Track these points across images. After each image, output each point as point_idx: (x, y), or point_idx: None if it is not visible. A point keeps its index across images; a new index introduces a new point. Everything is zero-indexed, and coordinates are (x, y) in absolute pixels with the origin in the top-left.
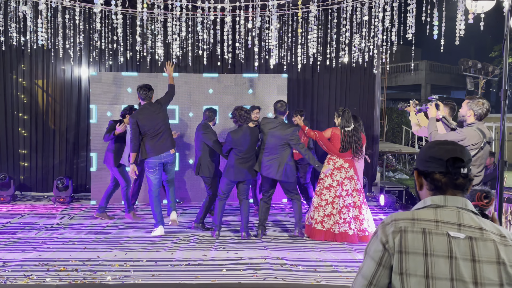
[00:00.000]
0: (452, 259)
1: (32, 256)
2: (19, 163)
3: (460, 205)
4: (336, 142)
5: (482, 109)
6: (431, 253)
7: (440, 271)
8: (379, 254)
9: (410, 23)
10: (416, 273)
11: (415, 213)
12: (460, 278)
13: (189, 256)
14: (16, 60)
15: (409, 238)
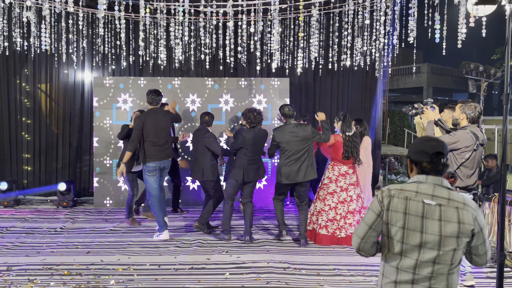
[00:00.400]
0: (423, 218)
1: (36, 260)
2: (22, 167)
3: (437, 182)
4: (338, 149)
5: (474, 112)
6: (409, 212)
7: (413, 225)
8: (378, 208)
9: (412, 27)
10: (396, 224)
11: (404, 185)
12: (427, 232)
13: (192, 260)
14: (19, 65)
15: (395, 201)
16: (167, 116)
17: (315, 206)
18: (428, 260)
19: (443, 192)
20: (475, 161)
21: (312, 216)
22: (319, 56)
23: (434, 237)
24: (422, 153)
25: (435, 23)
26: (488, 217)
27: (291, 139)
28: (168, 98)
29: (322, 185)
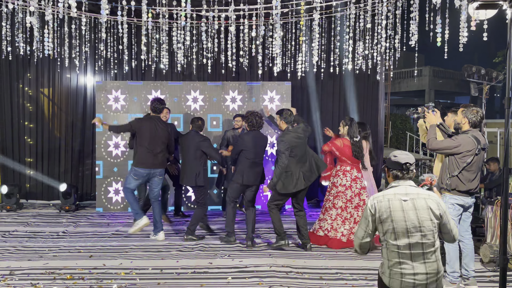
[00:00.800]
0: (403, 211)
1: (39, 264)
2: (25, 171)
3: (407, 184)
4: (346, 151)
5: (476, 117)
6: (392, 209)
7: (398, 218)
8: (368, 214)
9: (413, 30)
10: (387, 220)
11: (385, 192)
12: (409, 220)
13: (194, 264)
14: (22, 69)
15: (382, 205)
16: (167, 127)
17: (331, 213)
18: (417, 241)
19: (412, 190)
20: (477, 165)
21: (322, 223)
22: (320, 60)
23: (414, 223)
24: (396, 164)
25: (436, 27)
26: (491, 220)
27: (298, 143)
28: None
29: (337, 193)
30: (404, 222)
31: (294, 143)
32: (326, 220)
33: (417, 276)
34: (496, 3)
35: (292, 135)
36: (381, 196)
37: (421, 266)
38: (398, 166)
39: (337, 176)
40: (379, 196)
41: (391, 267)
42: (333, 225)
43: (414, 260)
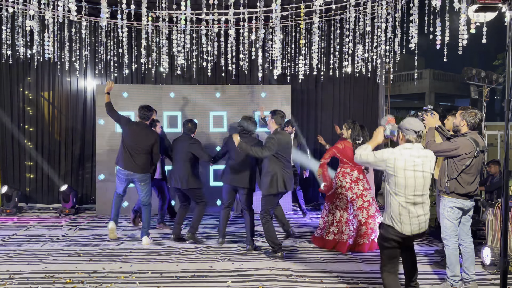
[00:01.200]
0: (414, 172)
1: (38, 268)
2: (25, 174)
3: (418, 147)
4: (347, 153)
5: (475, 119)
6: (406, 169)
7: (409, 176)
8: (383, 160)
9: (413, 33)
10: (400, 176)
11: (402, 151)
12: (418, 178)
13: (194, 268)
14: (22, 73)
15: (399, 163)
16: (153, 136)
17: (334, 216)
18: (421, 193)
19: (422, 153)
20: (476, 168)
21: (331, 227)
22: (320, 63)
23: (421, 181)
24: (411, 131)
25: (435, 30)
26: (492, 223)
27: (288, 147)
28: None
29: (337, 194)
30: (413, 180)
31: (283, 146)
32: (333, 224)
33: (419, 217)
34: (495, 5)
35: (283, 138)
36: (399, 155)
37: (420, 210)
38: (412, 133)
39: (337, 178)
40: (397, 153)
41: (402, 215)
42: (339, 227)
43: (415, 206)
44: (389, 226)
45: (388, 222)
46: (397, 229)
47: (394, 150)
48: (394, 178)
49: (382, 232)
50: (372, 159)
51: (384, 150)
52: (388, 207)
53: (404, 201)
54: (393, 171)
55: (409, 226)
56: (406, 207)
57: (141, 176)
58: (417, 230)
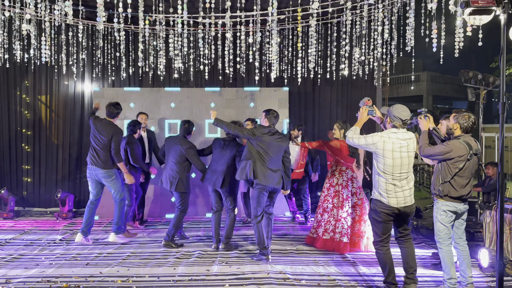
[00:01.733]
0: (400, 152)
1: (35, 272)
2: (22, 178)
3: (403, 131)
4: (343, 151)
5: (468, 122)
6: (393, 150)
7: (396, 157)
8: (373, 144)
9: (409, 36)
10: (388, 157)
11: (390, 135)
12: (403, 158)
13: (192, 271)
14: (20, 77)
15: (387, 145)
16: (110, 130)
17: (333, 214)
18: (406, 171)
19: (406, 136)
20: (469, 171)
21: (326, 225)
22: (317, 66)
23: (405, 160)
24: (398, 118)
25: (432, 33)
26: (489, 225)
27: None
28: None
29: (334, 192)
30: (399, 160)
31: (266, 142)
32: (329, 222)
33: (404, 191)
34: (489, 8)
35: (268, 134)
36: (387, 138)
37: (405, 185)
38: (399, 120)
39: (333, 176)
40: (386, 137)
41: (388, 191)
42: (337, 225)
43: (401, 181)
44: (377, 200)
45: (377, 197)
46: (384, 202)
47: (382, 134)
48: (383, 159)
49: (372, 206)
50: (363, 142)
51: (374, 135)
52: (376, 184)
53: (391, 178)
54: (382, 153)
55: (395, 199)
56: (393, 183)
57: (104, 172)
58: (403, 203)
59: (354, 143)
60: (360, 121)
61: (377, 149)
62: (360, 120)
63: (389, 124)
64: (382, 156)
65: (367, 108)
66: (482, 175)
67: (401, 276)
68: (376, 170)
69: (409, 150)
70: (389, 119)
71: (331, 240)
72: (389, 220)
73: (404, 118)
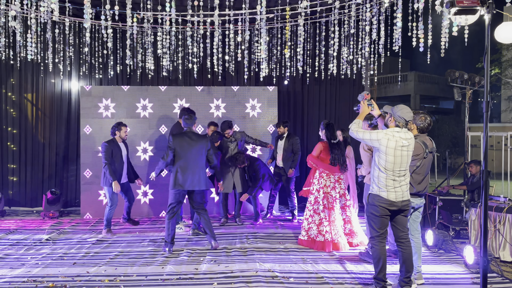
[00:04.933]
0: (401, 151)
1: (21, 272)
2: (8, 178)
3: (405, 131)
4: (325, 155)
5: (423, 123)
6: (395, 148)
7: (398, 155)
8: (377, 140)
9: (396, 35)
10: (390, 154)
11: (394, 133)
12: (403, 157)
13: (180, 270)
14: (5, 75)
15: (390, 143)
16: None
17: (322, 215)
18: (404, 169)
19: (408, 135)
20: (425, 168)
21: (319, 227)
22: (306, 65)
23: (404, 159)
24: (401, 118)
25: (418, 32)
26: (475, 223)
27: (190, 145)
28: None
29: (323, 194)
30: (400, 158)
31: (180, 145)
32: (321, 224)
33: (402, 187)
34: (474, 8)
35: (183, 136)
36: (391, 136)
37: (403, 181)
38: (403, 120)
39: (321, 178)
40: (390, 135)
41: (388, 186)
42: (329, 227)
43: (399, 177)
44: (376, 195)
45: (376, 192)
46: (383, 196)
47: (387, 131)
48: (385, 156)
49: (370, 201)
50: (367, 137)
51: (379, 131)
52: (375, 180)
53: (391, 174)
54: (385, 150)
55: (394, 194)
56: (393, 179)
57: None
58: (400, 198)
59: (357, 137)
60: (362, 114)
61: (380, 145)
62: (362, 113)
63: (392, 122)
64: (385, 153)
65: (366, 102)
66: (467, 174)
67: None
68: (376, 166)
69: (408, 149)
70: (392, 118)
71: (325, 241)
72: (386, 214)
73: (407, 119)
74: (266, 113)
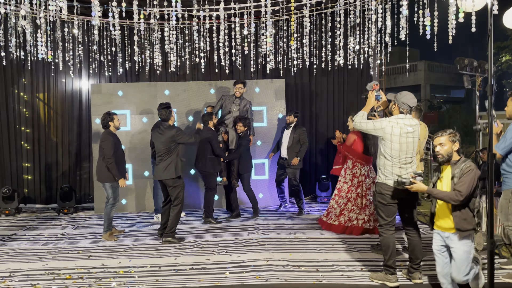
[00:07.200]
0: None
1: (38, 265)
2: (22, 176)
3: (409, 117)
4: (359, 145)
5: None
6: (400, 135)
7: (403, 142)
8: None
9: (403, 24)
10: (395, 142)
11: (398, 120)
12: (408, 144)
13: (192, 261)
14: (17, 75)
15: (395, 130)
16: None
17: (357, 203)
18: (410, 156)
19: (413, 122)
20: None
21: (350, 213)
22: (312, 56)
23: (410, 146)
24: (405, 105)
25: (425, 20)
26: (485, 210)
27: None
28: None
29: (358, 183)
30: (405, 145)
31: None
32: (354, 211)
33: (409, 174)
34: None
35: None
36: (396, 123)
37: (410, 168)
38: (407, 107)
39: (355, 167)
40: (394, 122)
41: (394, 174)
42: (360, 213)
43: (406, 165)
44: (383, 183)
45: (382, 180)
46: (390, 184)
47: (391, 119)
48: (390, 144)
49: (377, 190)
50: (371, 127)
51: (382, 120)
52: (381, 168)
53: (398, 162)
54: (390, 138)
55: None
56: (399, 166)
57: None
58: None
59: (361, 128)
60: (368, 106)
61: (385, 133)
62: (368, 105)
63: (396, 110)
64: (390, 140)
65: (374, 93)
66: (479, 162)
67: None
68: (382, 154)
69: (414, 136)
70: (396, 105)
71: (352, 227)
72: (394, 203)
73: (412, 105)
74: (274, 106)
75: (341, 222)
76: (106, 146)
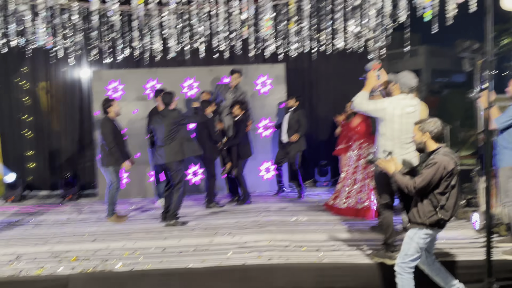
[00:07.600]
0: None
1: (44, 249)
2: (26, 164)
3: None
4: (366, 126)
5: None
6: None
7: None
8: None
9: (403, 7)
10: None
11: (400, 101)
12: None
13: (195, 243)
14: (18, 63)
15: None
16: None
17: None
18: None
19: (414, 102)
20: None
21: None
22: (312, 40)
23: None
24: (405, 85)
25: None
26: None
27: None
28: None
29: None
30: (406, 125)
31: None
32: (362, 192)
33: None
34: None
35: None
36: (397, 104)
37: (410, 148)
38: (407, 87)
39: (361, 149)
40: (395, 102)
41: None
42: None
43: (406, 145)
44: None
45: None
46: None
47: (391, 99)
48: (391, 124)
49: (377, 170)
50: (372, 107)
51: (383, 100)
52: (381, 147)
53: (398, 141)
54: (391, 118)
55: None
56: (399, 146)
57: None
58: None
59: (361, 109)
60: (368, 86)
61: (386, 114)
62: (368, 85)
63: (397, 90)
64: (391, 121)
65: (376, 72)
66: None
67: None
68: (382, 134)
69: (415, 116)
70: (396, 85)
71: (364, 209)
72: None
73: (412, 85)
74: (275, 90)
75: (350, 204)
76: (106, 132)
